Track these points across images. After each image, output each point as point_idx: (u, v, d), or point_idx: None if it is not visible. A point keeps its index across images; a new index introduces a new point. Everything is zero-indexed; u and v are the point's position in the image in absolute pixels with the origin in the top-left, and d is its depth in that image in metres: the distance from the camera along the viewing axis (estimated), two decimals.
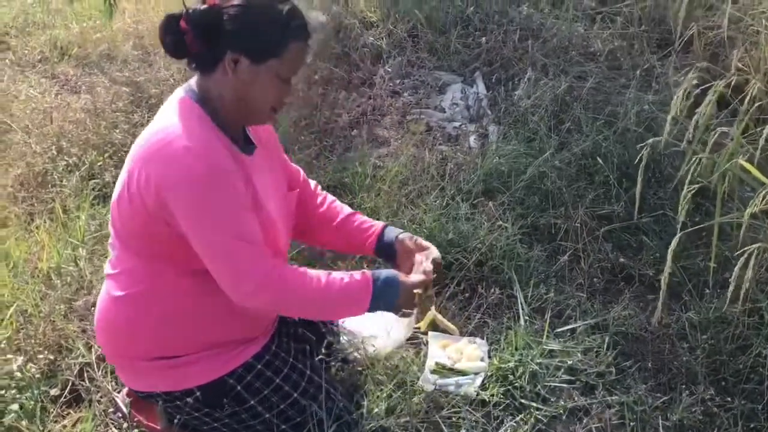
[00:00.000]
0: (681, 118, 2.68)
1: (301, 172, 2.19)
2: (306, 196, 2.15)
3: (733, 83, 2.63)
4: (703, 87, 2.67)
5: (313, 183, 2.21)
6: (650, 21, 4.29)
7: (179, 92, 1.78)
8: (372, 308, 1.85)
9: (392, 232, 2.09)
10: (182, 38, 1.66)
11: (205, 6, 1.66)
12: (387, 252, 2.08)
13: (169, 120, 1.70)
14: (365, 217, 2.17)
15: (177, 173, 1.63)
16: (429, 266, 1.96)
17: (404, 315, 1.94)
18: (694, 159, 2.44)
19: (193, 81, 1.78)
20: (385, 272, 1.88)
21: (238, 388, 1.87)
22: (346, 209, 2.18)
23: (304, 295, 1.78)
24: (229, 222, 1.67)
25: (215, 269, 1.70)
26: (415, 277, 1.92)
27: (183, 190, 1.64)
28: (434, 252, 2.02)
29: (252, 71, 1.70)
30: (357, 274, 1.85)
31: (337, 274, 1.83)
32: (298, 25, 1.72)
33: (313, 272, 1.80)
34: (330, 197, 2.21)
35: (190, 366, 1.84)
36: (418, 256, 2.01)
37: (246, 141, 1.86)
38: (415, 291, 1.88)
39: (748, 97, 2.57)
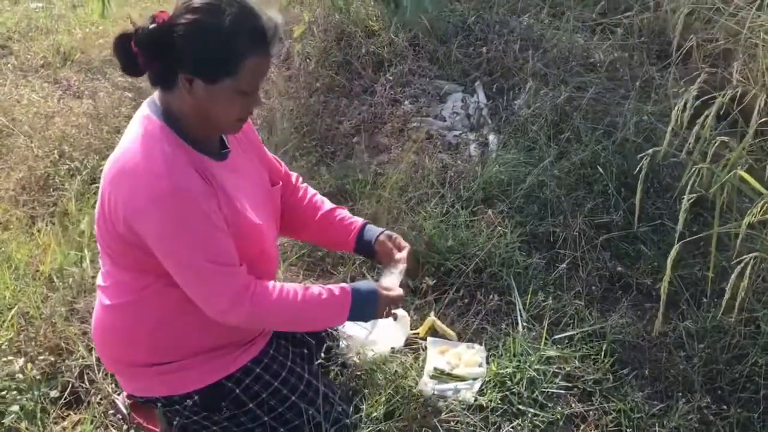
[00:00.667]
0: (680, 130, 2.71)
1: (283, 164, 2.15)
2: (287, 189, 2.13)
3: (732, 95, 2.65)
4: (702, 99, 2.70)
5: (294, 175, 2.18)
6: (650, 33, 4.32)
7: (144, 108, 1.74)
8: (350, 320, 1.91)
9: (371, 232, 2.09)
10: (135, 60, 1.61)
11: (153, 25, 1.59)
12: (366, 250, 2.09)
13: (134, 142, 1.68)
14: (346, 212, 2.15)
15: (142, 200, 1.62)
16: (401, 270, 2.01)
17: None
18: (694, 169, 2.45)
19: (156, 95, 1.74)
20: (365, 286, 1.91)
21: (237, 391, 1.88)
22: (327, 204, 2.16)
23: (279, 311, 1.80)
24: (197, 246, 1.66)
25: (188, 290, 1.71)
26: (394, 292, 1.95)
27: (149, 217, 1.63)
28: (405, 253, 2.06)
29: (208, 90, 1.64)
30: (336, 289, 1.86)
31: (315, 289, 1.84)
32: (253, 40, 1.64)
33: (290, 287, 1.80)
34: (311, 190, 2.18)
35: (188, 371, 1.85)
36: (395, 266, 2.03)
37: (221, 144, 1.83)
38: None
39: (755, 110, 2.58)
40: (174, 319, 1.79)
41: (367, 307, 1.89)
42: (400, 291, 1.97)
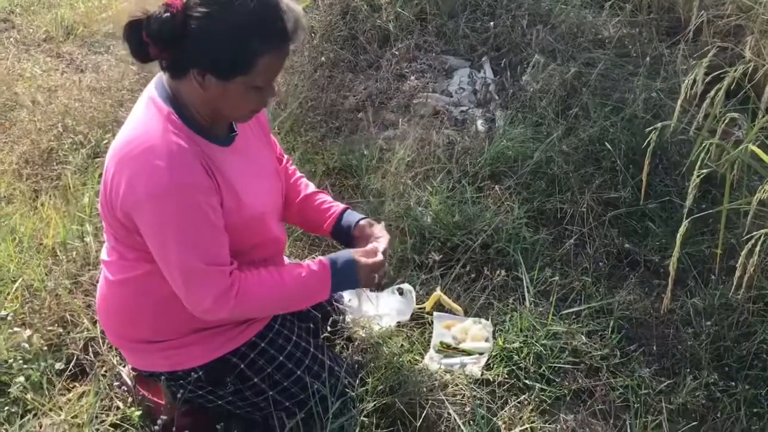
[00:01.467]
0: (689, 106, 2.67)
1: (278, 143, 2.11)
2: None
3: (743, 71, 2.61)
4: (713, 74, 2.66)
5: (286, 157, 2.14)
6: (659, 9, 4.26)
7: (151, 89, 1.70)
8: (334, 292, 1.89)
9: (351, 217, 2.04)
10: (145, 48, 1.55)
11: (166, 14, 1.51)
12: (344, 236, 2.03)
13: (140, 128, 1.64)
14: (327, 197, 2.11)
15: (142, 192, 1.59)
16: (383, 244, 1.94)
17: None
18: (703, 145, 2.43)
19: (164, 76, 1.67)
20: (342, 256, 1.87)
21: (242, 366, 1.88)
22: (311, 187, 2.12)
23: (262, 302, 1.78)
24: (190, 245, 1.63)
25: (173, 286, 1.69)
26: (373, 259, 1.88)
27: (146, 210, 1.61)
28: (385, 239, 1.97)
29: (220, 86, 1.59)
30: (314, 264, 1.83)
31: (294, 269, 1.82)
32: (270, 36, 1.58)
33: (270, 274, 1.78)
34: (298, 173, 2.15)
35: (191, 347, 1.84)
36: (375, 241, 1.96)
37: (229, 127, 1.79)
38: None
39: None
40: (177, 298, 1.74)
41: (348, 277, 1.86)
42: (380, 257, 1.89)
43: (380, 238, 1.96)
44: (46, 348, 2.22)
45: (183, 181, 1.59)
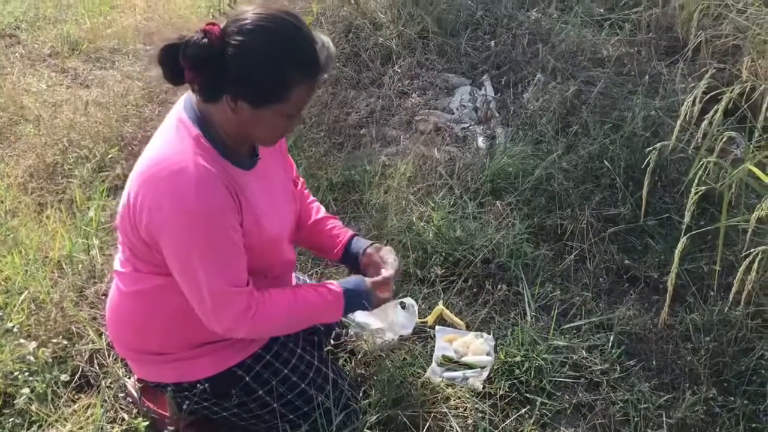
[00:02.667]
0: (688, 125, 2.71)
1: (294, 166, 2.15)
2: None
3: (740, 91, 2.65)
4: (711, 94, 2.71)
5: (301, 180, 2.19)
6: (658, 29, 4.32)
7: (179, 109, 1.72)
8: (343, 316, 1.95)
9: (359, 244, 2.08)
10: (180, 71, 1.58)
11: (205, 41, 1.54)
12: (353, 263, 2.08)
13: (169, 148, 1.67)
14: (338, 222, 2.16)
15: (167, 213, 1.61)
16: (392, 268, 2.00)
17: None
18: (701, 163, 2.46)
19: (194, 97, 1.70)
20: (358, 286, 1.92)
21: (247, 379, 1.90)
22: (323, 211, 2.17)
23: (277, 323, 1.83)
24: (214, 267, 1.66)
25: (194, 305, 1.72)
26: (383, 294, 1.97)
27: (171, 232, 1.63)
28: (394, 264, 2.03)
29: (252, 113, 1.62)
30: (329, 292, 1.88)
31: (309, 293, 1.86)
32: (304, 67, 1.61)
33: (286, 296, 1.82)
34: (311, 196, 2.20)
35: (199, 358, 1.86)
36: (384, 271, 2.00)
37: (252, 152, 1.82)
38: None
39: (764, 106, 2.59)
40: (188, 312, 1.77)
41: (359, 305, 1.94)
42: (388, 294, 1.98)
43: (388, 263, 2.01)
44: (51, 360, 2.24)
45: (210, 204, 1.61)
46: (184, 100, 1.73)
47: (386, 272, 1.97)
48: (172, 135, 1.69)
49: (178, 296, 1.74)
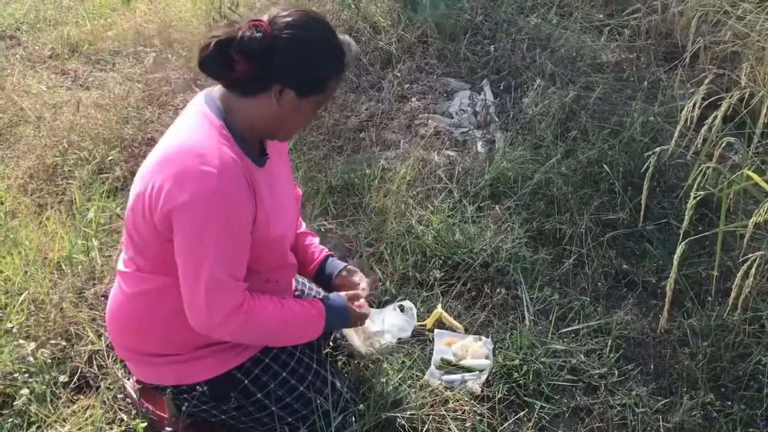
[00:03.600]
0: (687, 131, 2.72)
1: (295, 183, 2.19)
2: None
3: (739, 97, 2.67)
4: (709, 100, 2.72)
5: (299, 190, 2.22)
6: (657, 35, 4.34)
7: (201, 103, 1.76)
8: (322, 332, 1.95)
9: (334, 265, 2.13)
10: (232, 65, 1.64)
11: (259, 35, 1.62)
12: (325, 282, 2.13)
13: (192, 136, 1.69)
14: (315, 239, 2.20)
15: (188, 194, 1.62)
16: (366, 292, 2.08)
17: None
18: (700, 169, 2.48)
19: (215, 92, 1.76)
20: (337, 302, 1.98)
21: (246, 381, 1.90)
22: (303, 226, 2.21)
23: (263, 327, 1.80)
24: (223, 255, 1.66)
25: (186, 293, 1.70)
26: (363, 310, 2.04)
27: (188, 213, 1.63)
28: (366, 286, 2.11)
29: (295, 103, 1.70)
30: (312, 307, 1.90)
31: (293, 304, 1.87)
32: (338, 61, 1.74)
33: (274, 302, 1.82)
34: (297, 189, 2.22)
35: (198, 361, 1.87)
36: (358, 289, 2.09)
37: (260, 152, 1.85)
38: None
39: (763, 112, 2.60)
40: None
41: (338, 321, 2.00)
42: (368, 310, 2.06)
43: (360, 286, 2.09)
44: (50, 361, 2.24)
45: (230, 191, 1.64)
46: (204, 95, 1.77)
47: (362, 292, 2.06)
48: (197, 123, 1.72)
49: (177, 296, 1.74)
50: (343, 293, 2.02)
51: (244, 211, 1.68)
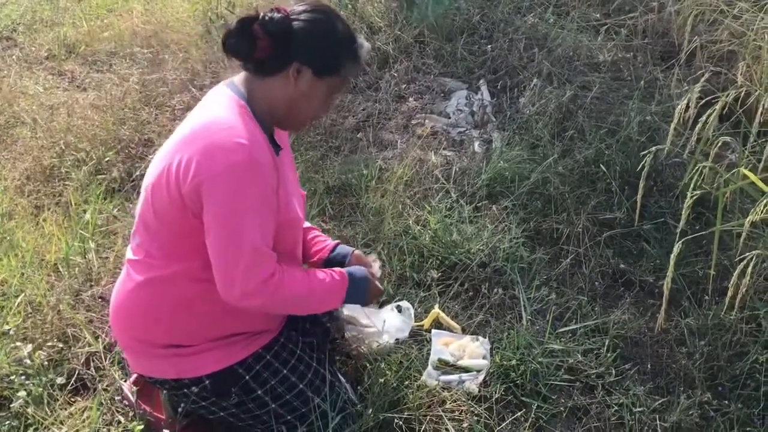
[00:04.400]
0: (683, 130, 2.72)
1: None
2: None
3: (736, 96, 2.67)
4: (706, 99, 2.72)
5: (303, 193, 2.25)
6: (653, 34, 4.34)
7: (224, 89, 1.82)
8: (346, 302, 1.99)
9: (345, 249, 2.17)
10: (254, 42, 1.72)
11: (279, 15, 1.72)
12: (338, 264, 2.13)
13: (218, 112, 1.75)
14: (321, 233, 2.25)
15: (219, 165, 1.66)
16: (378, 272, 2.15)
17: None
18: (696, 168, 2.48)
19: (237, 79, 1.83)
20: (359, 273, 2.01)
21: (247, 377, 1.90)
22: (306, 222, 2.22)
23: (292, 296, 1.83)
24: (256, 225, 1.70)
25: (217, 264, 1.71)
26: (380, 284, 2.12)
27: (219, 182, 1.66)
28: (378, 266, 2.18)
29: (312, 83, 1.77)
30: (336, 274, 1.94)
31: (318, 273, 1.91)
32: (356, 47, 1.82)
33: (301, 271, 1.88)
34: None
35: (202, 354, 1.86)
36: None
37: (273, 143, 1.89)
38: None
39: (758, 111, 2.61)
40: (198, 303, 1.81)
41: (359, 292, 1.99)
42: (380, 292, 2.12)
43: (375, 266, 2.15)
44: (47, 363, 2.24)
45: (260, 161, 1.69)
46: (226, 83, 1.84)
47: (376, 272, 2.12)
48: (223, 103, 1.78)
49: (187, 284, 1.78)
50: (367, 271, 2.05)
51: (271, 180, 1.73)
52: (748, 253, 2.25)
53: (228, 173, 1.66)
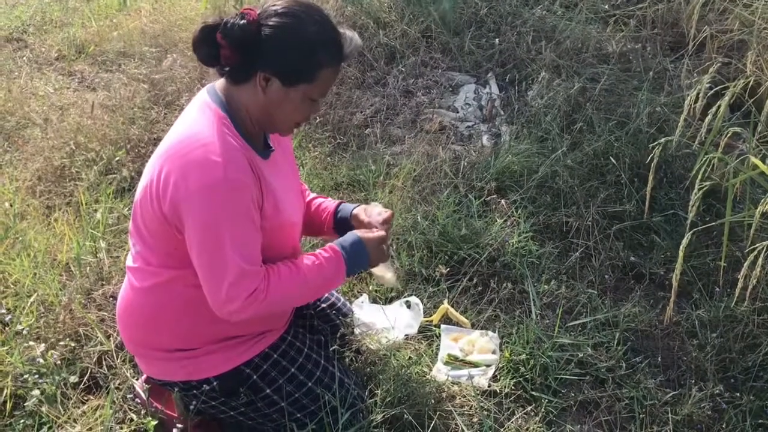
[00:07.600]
0: (693, 120, 2.70)
1: (301, 180, 2.19)
2: None
3: (747, 85, 2.65)
4: (716, 89, 2.70)
5: (306, 187, 2.22)
6: (663, 24, 4.31)
7: (204, 95, 1.78)
8: (350, 274, 1.91)
9: (346, 208, 2.10)
10: (217, 51, 1.66)
11: (243, 21, 1.63)
12: (345, 228, 2.06)
13: (195, 126, 1.71)
14: (320, 198, 2.18)
15: (195, 185, 1.63)
16: (379, 219, 2.02)
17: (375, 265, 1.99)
18: (706, 158, 2.46)
19: (218, 85, 1.78)
20: (347, 238, 1.92)
21: (254, 377, 1.91)
22: (310, 194, 2.19)
23: (285, 297, 1.80)
24: (236, 242, 1.67)
25: (203, 280, 1.71)
26: (373, 233, 1.95)
27: (198, 203, 1.64)
28: (384, 212, 2.05)
29: (282, 92, 1.70)
30: (326, 252, 1.87)
31: (308, 259, 1.85)
32: (333, 51, 1.72)
33: (289, 267, 1.81)
34: (303, 185, 2.22)
35: (208, 356, 1.87)
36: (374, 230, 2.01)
37: (264, 144, 1.87)
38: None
39: None
40: (198, 306, 1.79)
41: (359, 256, 1.90)
42: (381, 232, 1.96)
43: (375, 220, 2.02)
44: (60, 362, 2.26)
45: (236, 178, 1.65)
46: (208, 88, 1.79)
47: (377, 230, 1.98)
48: (199, 115, 1.73)
49: (187, 289, 1.76)
50: (354, 231, 1.96)
51: (251, 195, 1.68)
52: (759, 244, 2.23)
53: (203, 191, 1.63)
